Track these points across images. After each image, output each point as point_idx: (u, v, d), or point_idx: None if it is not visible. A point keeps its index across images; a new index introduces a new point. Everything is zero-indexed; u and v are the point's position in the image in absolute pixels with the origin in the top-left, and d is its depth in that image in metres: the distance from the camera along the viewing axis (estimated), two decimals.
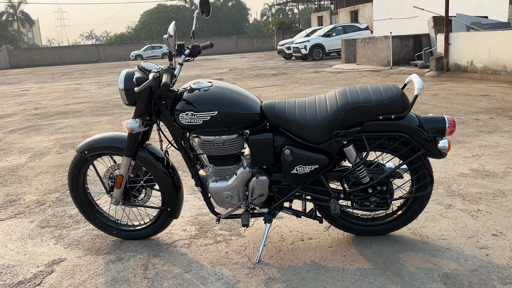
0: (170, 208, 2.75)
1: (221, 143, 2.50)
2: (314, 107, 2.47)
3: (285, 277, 2.37)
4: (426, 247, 2.59)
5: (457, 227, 2.83)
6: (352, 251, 2.61)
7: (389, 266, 2.41)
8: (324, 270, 2.42)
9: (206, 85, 2.49)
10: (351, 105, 2.37)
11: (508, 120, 5.91)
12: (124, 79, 2.51)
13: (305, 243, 2.75)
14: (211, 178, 2.61)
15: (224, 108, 2.41)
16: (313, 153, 2.45)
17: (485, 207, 3.11)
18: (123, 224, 2.95)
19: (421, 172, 2.53)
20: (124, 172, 2.68)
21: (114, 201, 2.76)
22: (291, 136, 2.47)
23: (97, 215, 2.93)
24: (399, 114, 2.36)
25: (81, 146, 2.76)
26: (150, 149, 2.73)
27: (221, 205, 2.64)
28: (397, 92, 2.39)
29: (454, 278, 2.26)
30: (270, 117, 2.48)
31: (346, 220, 2.72)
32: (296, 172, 2.47)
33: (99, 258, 2.72)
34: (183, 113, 2.42)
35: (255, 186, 2.56)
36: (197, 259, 2.63)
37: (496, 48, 10.06)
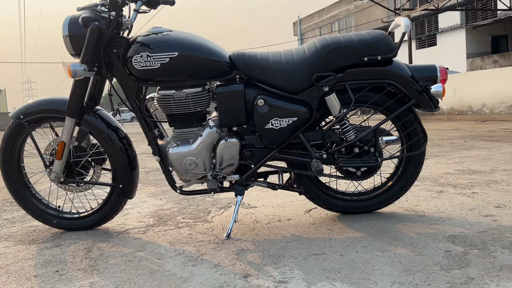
0: (122, 184, 2.31)
1: (183, 97, 2.14)
2: (291, 53, 2.17)
3: (260, 248, 1.94)
4: (423, 219, 2.22)
5: (454, 203, 2.48)
6: (338, 225, 2.21)
7: (384, 233, 2.03)
8: (307, 241, 2.00)
9: (166, 29, 2.17)
10: (332, 45, 2.08)
11: (483, 142, 5.77)
12: (69, 24, 2.16)
13: (283, 223, 2.33)
14: (172, 143, 2.22)
15: (186, 50, 2.08)
16: (291, 103, 2.11)
17: (479, 190, 2.80)
18: (66, 212, 2.46)
19: (411, 128, 2.22)
20: (66, 138, 2.26)
21: (54, 176, 2.30)
22: (265, 87, 2.14)
23: (34, 200, 2.44)
24: (385, 55, 2.08)
25: (16, 111, 2.33)
26: (100, 114, 2.33)
27: (184, 175, 2.23)
28: (381, 33, 2.13)
29: (463, 238, 1.89)
30: (240, 65, 2.16)
31: (330, 195, 2.34)
32: (272, 127, 2.11)
33: (32, 247, 2.21)
34: (137, 56, 2.07)
35: (224, 150, 2.17)
36: (153, 241, 2.17)
37: (460, 90, 10.24)
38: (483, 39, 18.01)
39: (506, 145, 5.14)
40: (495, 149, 4.83)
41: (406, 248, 1.80)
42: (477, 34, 18.03)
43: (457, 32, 18.42)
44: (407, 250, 1.79)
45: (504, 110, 9.17)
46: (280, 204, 2.72)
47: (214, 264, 1.79)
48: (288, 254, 1.84)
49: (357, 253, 1.79)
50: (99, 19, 2.11)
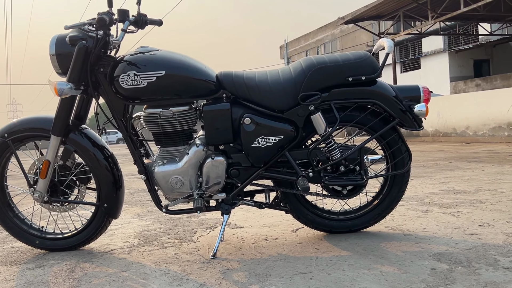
0: (107, 203, 2.29)
1: (169, 116, 2.15)
2: (276, 73, 2.20)
3: (246, 267, 1.92)
4: (409, 238, 2.23)
5: (440, 223, 2.50)
6: (325, 244, 2.21)
7: (371, 252, 2.02)
8: (294, 259, 1.99)
9: (153, 48, 2.19)
10: (317, 65, 2.12)
11: (467, 162, 5.84)
12: (56, 42, 2.16)
13: (269, 242, 2.32)
14: (158, 161, 2.21)
15: (173, 69, 2.10)
16: (277, 122, 2.13)
17: (464, 209, 2.82)
18: (49, 232, 2.42)
19: (396, 147, 2.24)
20: (51, 157, 2.24)
21: (38, 195, 2.27)
22: (251, 106, 2.16)
23: (17, 220, 2.40)
24: (369, 76, 2.12)
25: (0, 129, 2.31)
26: (86, 133, 2.32)
27: (170, 194, 2.22)
28: (365, 54, 2.17)
29: (448, 255, 1.90)
30: (226, 84, 2.18)
31: (316, 214, 2.34)
32: (258, 145, 2.13)
33: (14, 268, 2.16)
34: (124, 74, 2.08)
35: (210, 169, 2.17)
36: (138, 261, 2.14)
37: (444, 113, 10.40)
38: (466, 63, 18.43)
39: (489, 166, 5.21)
40: (479, 170, 4.89)
41: (392, 266, 1.80)
42: (459, 58, 18.44)
43: (440, 56, 18.83)
44: (393, 268, 1.79)
45: (487, 132, 9.33)
46: (267, 224, 2.71)
47: (199, 283, 1.76)
48: (274, 273, 1.83)
49: (343, 271, 1.78)
50: (86, 38, 2.12)
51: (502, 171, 4.61)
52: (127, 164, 7.78)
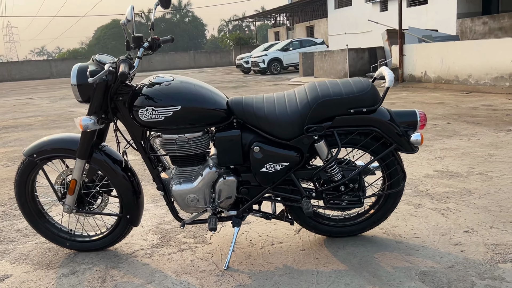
0: (129, 214, 2.54)
1: (185, 141, 2.34)
2: (284, 102, 2.35)
3: (256, 283, 2.21)
4: (400, 246, 2.50)
5: (429, 225, 2.76)
6: (325, 253, 2.49)
7: (365, 267, 2.30)
8: (298, 274, 2.28)
9: (167, 79, 2.33)
10: (321, 98, 2.27)
11: (464, 124, 6.02)
12: (77, 73, 2.30)
13: (275, 247, 2.60)
14: (175, 180, 2.43)
15: (188, 103, 2.26)
16: (284, 149, 2.32)
17: (453, 205, 3.07)
18: (77, 235, 2.70)
19: (393, 168, 2.45)
20: (78, 176, 2.46)
21: (67, 209, 2.53)
22: (259, 132, 2.34)
23: (48, 225, 2.67)
24: (370, 107, 2.28)
25: (29, 149, 2.51)
26: (106, 150, 2.52)
27: (186, 209, 2.46)
28: (367, 85, 2.31)
29: (432, 276, 2.17)
30: (237, 112, 2.34)
31: (318, 222, 2.60)
32: (266, 170, 2.33)
33: (50, 272, 2.46)
34: (143, 109, 2.25)
35: (222, 187, 2.40)
36: (160, 268, 2.43)
37: (448, 59, 10.38)
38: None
39: (486, 132, 5.41)
40: (475, 139, 5.09)
41: None
42: None
43: None
44: None
45: (489, 81, 9.39)
46: (273, 221, 2.98)
47: None
48: None
49: None
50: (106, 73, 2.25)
51: (497, 143, 4.81)
52: None
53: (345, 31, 23.92)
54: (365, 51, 14.27)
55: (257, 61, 21.55)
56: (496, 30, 14.82)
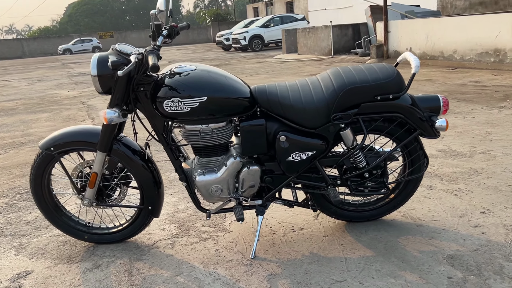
0: (151, 206, 2.50)
1: (209, 132, 2.30)
2: (309, 90, 2.32)
3: (287, 272, 2.22)
4: (421, 230, 2.54)
5: (445, 207, 2.81)
6: (348, 239, 2.51)
7: (392, 252, 2.33)
8: (326, 261, 2.29)
9: (190, 68, 2.27)
10: (348, 85, 2.25)
11: (456, 102, 6.11)
12: (97, 64, 2.22)
13: (297, 234, 2.61)
14: (198, 171, 2.40)
15: (214, 93, 2.21)
16: (310, 138, 2.31)
17: (464, 186, 3.13)
18: (95, 227, 2.66)
19: (416, 154, 2.46)
20: (98, 169, 2.40)
21: (87, 202, 2.47)
22: (284, 121, 2.31)
23: (65, 219, 2.62)
24: (396, 94, 2.27)
25: (45, 142, 2.43)
26: (125, 142, 2.46)
27: (209, 199, 2.44)
28: (393, 71, 2.30)
29: (460, 259, 2.21)
30: (261, 101, 2.31)
31: (338, 207, 2.61)
32: (292, 159, 2.32)
33: (73, 267, 2.42)
34: (168, 100, 2.19)
35: (246, 177, 2.38)
36: (185, 259, 2.42)
37: (433, 35, 10.45)
38: None
39: (479, 109, 5.49)
40: (470, 117, 5.17)
41: (414, 274, 2.12)
42: None
43: None
44: (415, 276, 2.10)
45: (474, 57, 9.50)
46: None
47: None
48: (313, 281, 2.13)
49: (373, 280, 2.10)
50: (127, 63, 2.18)
51: (492, 121, 4.90)
52: None
53: (325, 7, 23.75)
54: (349, 28, 14.25)
55: (238, 38, 21.32)
56: (477, 5, 14.93)
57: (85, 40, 39.00)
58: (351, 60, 12.60)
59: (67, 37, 43.57)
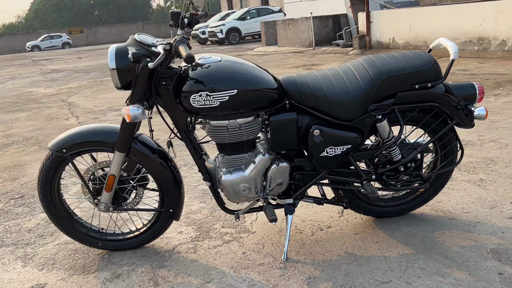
0: (172, 208, 2.33)
1: (236, 128, 2.13)
2: (342, 80, 2.18)
3: (326, 274, 2.09)
4: (455, 223, 2.44)
5: (472, 198, 2.72)
6: (382, 236, 2.39)
7: (431, 248, 2.23)
8: (365, 261, 2.17)
9: (215, 59, 2.10)
10: (385, 74, 2.12)
11: None
12: (116, 56, 2.03)
13: (326, 232, 2.48)
14: (223, 169, 2.23)
15: (244, 85, 2.05)
16: (345, 131, 2.17)
17: (485, 175, 3.05)
18: (109, 234, 2.46)
19: (451, 145, 2.36)
20: (116, 171, 2.21)
21: (103, 207, 2.28)
22: (317, 114, 2.17)
23: (77, 226, 2.41)
24: (435, 82, 2.16)
25: (56, 143, 2.22)
26: (143, 140, 2.27)
27: (236, 199, 2.28)
28: (430, 58, 2.18)
29: (505, 253, 2.12)
30: (292, 93, 2.16)
31: (367, 203, 2.49)
32: (326, 154, 2.18)
33: (90, 278, 2.23)
34: (195, 95, 2.01)
35: (275, 174, 2.23)
36: (212, 264, 2.25)
37: (416, 25, 10.46)
38: None
39: None
40: None
41: (462, 271, 2.01)
42: None
43: None
44: (463, 273, 2.00)
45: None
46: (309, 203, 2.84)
47: None
48: (357, 283, 2.00)
49: (420, 279, 1.98)
50: (149, 54, 2.00)
51: (491, 108, 4.86)
52: None
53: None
54: (329, 19, 14.17)
55: (214, 31, 21.01)
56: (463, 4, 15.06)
57: (54, 36, 37.88)
58: (334, 52, 12.54)
59: (35, 33, 42.24)
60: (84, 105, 7.61)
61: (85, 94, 8.86)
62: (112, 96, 8.33)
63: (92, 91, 9.26)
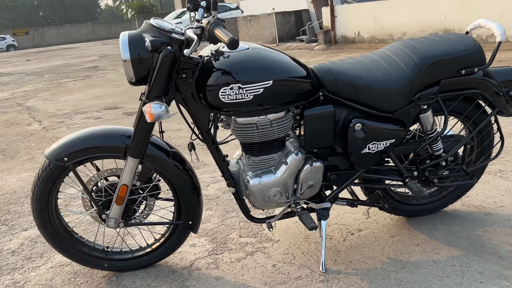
0: (191, 219, 2.04)
1: (267, 125, 1.87)
2: (383, 66, 1.95)
3: (376, 285, 1.86)
4: (493, 219, 2.29)
5: (500, 191, 2.58)
6: (421, 237, 2.19)
7: (480, 248, 2.05)
8: (413, 267, 1.96)
9: (243, 47, 1.82)
10: (431, 58, 1.91)
11: None
12: (130, 44, 1.71)
13: (358, 237, 2.25)
14: (249, 173, 1.96)
15: (279, 75, 1.78)
16: (388, 124, 1.95)
17: (503, 166, 2.94)
18: (115, 252, 2.14)
19: (493, 135, 2.20)
20: (129, 180, 1.89)
21: (113, 223, 1.95)
22: (356, 106, 1.93)
23: (78, 245, 2.07)
24: (481, 67, 1.97)
25: (54, 151, 1.87)
26: (154, 142, 1.96)
27: (264, 206, 2.01)
28: (474, 41, 1.99)
29: None
30: (328, 84, 1.91)
31: (399, 202, 2.29)
32: (369, 151, 1.95)
33: None
34: (226, 88, 1.73)
35: (308, 175, 1.98)
36: (241, 281, 1.98)
37: (381, 18, 10.49)
38: None
39: None
40: None
41: None
42: None
43: None
44: None
45: None
46: None
47: None
48: None
49: (483, 285, 1.79)
50: (170, 42, 1.70)
51: None
52: None
53: None
54: (291, 15, 14.06)
55: None
56: None
57: None
58: (298, 48, 12.42)
59: None
60: (45, 109, 7.06)
61: (44, 97, 8.26)
62: (74, 98, 7.82)
63: (51, 93, 8.67)
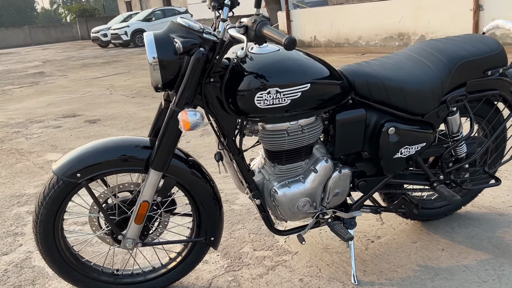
0: (213, 235, 1.88)
1: (298, 131, 1.75)
2: (412, 68, 1.89)
3: None
4: (508, 219, 2.29)
5: (505, 191, 2.60)
6: (443, 242, 2.15)
7: (506, 250, 2.03)
8: (447, 274, 1.90)
9: (273, 48, 1.69)
10: (459, 59, 1.87)
11: None
12: (157, 45, 1.54)
13: (379, 244, 2.18)
14: (276, 183, 1.83)
15: (315, 78, 1.67)
16: (420, 127, 1.88)
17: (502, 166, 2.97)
18: (127, 275, 1.93)
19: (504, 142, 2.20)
20: (150, 196, 1.70)
21: (131, 243, 1.75)
22: (387, 110, 1.85)
23: (86, 270, 1.85)
24: (506, 68, 1.96)
25: (64, 166, 1.64)
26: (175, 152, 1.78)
27: (292, 217, 1.89)
28: (497, 42, 1.98)
29: None
30: (359, 86, 1.82)
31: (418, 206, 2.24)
32: (401, 156, 1.88)
33: None
34: (263, 92, 1.59)
35: (337, 183, 1.88)
36: None
37: (337, 23, 10.64)
38: None
39: None
40: None
41: None
42: None
43: None
44: None
45: (379, 42, 9.86)
46: None
47: None
48: None
49: None
50: (202, 43, 1.54)
51: None
52: None
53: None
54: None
55: (118, 33, 19.85)
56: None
57: None
58: None
59: None
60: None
61: (16, 107, 7.67)
62: (25, 106, 7.31)
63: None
